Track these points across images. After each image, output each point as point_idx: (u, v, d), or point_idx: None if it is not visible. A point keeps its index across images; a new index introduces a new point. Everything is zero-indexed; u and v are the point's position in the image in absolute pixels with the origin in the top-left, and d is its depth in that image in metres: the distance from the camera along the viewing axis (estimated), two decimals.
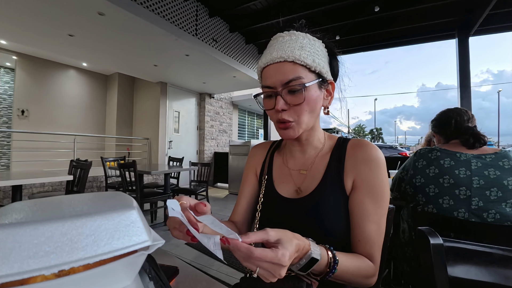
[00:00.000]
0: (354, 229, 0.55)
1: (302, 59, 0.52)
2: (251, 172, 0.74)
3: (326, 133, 0.67)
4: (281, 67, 0.53)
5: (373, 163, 0.56)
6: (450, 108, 1.20)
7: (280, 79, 0.53)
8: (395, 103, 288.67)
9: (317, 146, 0.64)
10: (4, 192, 3.12)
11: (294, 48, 0.53)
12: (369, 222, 0.53)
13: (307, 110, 0.55)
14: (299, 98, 0.53)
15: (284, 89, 0.53)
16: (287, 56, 0.52)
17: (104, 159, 3.52)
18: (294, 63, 0.52)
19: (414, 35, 4.01)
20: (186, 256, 2.27)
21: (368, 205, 0.54)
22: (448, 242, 0.52)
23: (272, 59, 0.53)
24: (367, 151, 0.57)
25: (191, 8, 3.45)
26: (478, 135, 1.04)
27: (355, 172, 0.57)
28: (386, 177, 0.56)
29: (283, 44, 0.54)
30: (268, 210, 0.64)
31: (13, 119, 5.06)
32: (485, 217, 0.92)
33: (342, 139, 0.64)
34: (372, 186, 0.54)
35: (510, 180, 0.91)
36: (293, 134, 0.57)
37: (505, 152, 0.98)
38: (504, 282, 0.49)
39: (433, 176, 1.04)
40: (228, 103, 7.25)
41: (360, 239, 0.53)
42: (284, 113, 0.55)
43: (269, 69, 0.55)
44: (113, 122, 6.16)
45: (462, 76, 3.46)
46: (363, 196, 0.55)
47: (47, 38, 3.26)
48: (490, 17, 3.25)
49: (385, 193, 0.55)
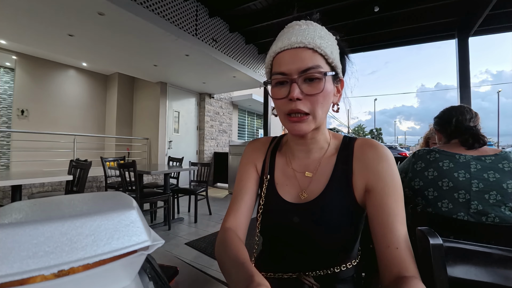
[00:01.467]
0: (387, 235, 0.47)
1: (323, 48, 0.49)
2: (251, 167, 0.65)
3: (331, 132, 0.62)
4: (300, 53, 0.48)
5: (386, 162, 0.52)
6: (454, 105, 1.16)
7: (298, 65, 0.48)
8: (395, 103, 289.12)
9: (323, 146, 0.59)
10: (4, 192, 3.12)
11: (314, 36, 0.49)
12: (399, 224, 0.48)
13: (322, 103, 0.51)
14: (317, 88, 0.49)
15: (301, 77, 0.49)
16: (307, 42, 0.48)
17: (103, 159, 3.52)
18: (314, 51, 0.49)
19: (414, 35, 4.02)
20: (186, 256, 2.26)
21: (393, 206, 0.49)
22: (448, 242, 0.52)
23: (290, 44, 0.49)
24: (378, 151, 0.54)
25: (191, 8, 3.46)
26: (477, 135, 1.02)
27: (366, 174, 0.53)
28: (398, 175, 0.53)
29: (302, 31, 0.50)
30: (269, 216, 0.60)
31: (13, 119, 5.05)
32: (484, 221, 0.91)
33: (348, 138, 0.60)
34: (392, 186, 0.51)
35: (509, 183, 0.90)
36: (307, 129, 0.52)
37: (505, 154, 0.96)
38: (504, 283, 0.49)
39: (432, 179, 1.02)
40: (228, 103, 7.25)
41: (398, 246, 0.46)
42: (298, 103, 0.49)
43: (285, 55, 0.50)
44: (113, 122, 6.16)
45: (462, 76, 3.46)
46: (384, 197, 0.50)
47: (47, 38, 3.26)
48: (490, 17, 3.26)
49: (402, 192, 0.52)
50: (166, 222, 3.07)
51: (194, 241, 2.60)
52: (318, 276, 0.57)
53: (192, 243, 2.54)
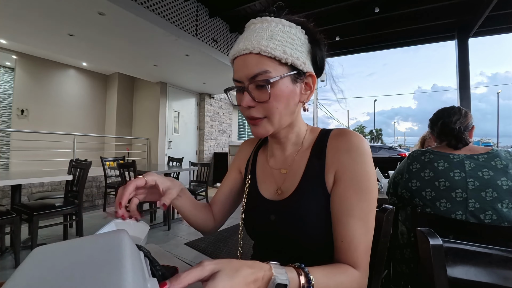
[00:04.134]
0: (336, 228, 0.48)
1: (270, 50, 0.46)
2: (234, 169, 0.71)
3: (309, 127, 0.61)
4: (247, 59, 0.48)
5: (355, 152, 0.49)
6: (445, 107, 1.17)
7: (245, 73, 0.48)
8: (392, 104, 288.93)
9: (297, 142, 0.59)
10: (3, 192, 3.12)
11: (262, 37, 0.47)
12: (353, 218, 0.47)
13: (278, 107, 0.49)
14: (264, 95, 0.48)
15: (251, 84, 0.48)
16: (252, 48, 0.47)
17: (103, 159, 3.52)
18: (260, 55, 0.47)
19: (414, 36, 4.02)
20: (186, 256, 2.26)
21: (351, 198, 0.47)
22: (448, 242, 0.53)
23: (238, 51, 0.49)
24: (347, 139, 0.51)
25: (192, 8, 3.46)
26: (460, 137, 1.04)
27: (336, 164, 0.51)
28: (371, 167, 0.49)
29: (251, 33, 0.49)
30: (250, 212, 0.61)
31: (13, 118, 5.05)
32: (482, 218, 0.92)
33: (324, 131, 0.58)
34: (355, 177, 0.48)
35: (503, 180, 0.92)
36: (264, 132, 0.52)
37: (496, 152, 0.99)
38: (503, 283, 0.49)
39: (429, 179, 1.04)
40: (228, 103, 7.25)
41: (344, 239, 0.47)
42: (252, 110, 0.50)
43: (237, 62, 0.50)
44: (112, 122, 6.16)
45: (461, 77, 3.46)
46: (345, 189, 0.48)
47: (47, 37, 3.26)
48: (490, 18, 3.26)
49: (371, 185, 0.49)
50: (166, 222, 3.06)
51: (193, 241, 2.60)
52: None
53: (192, 243, 2.54)
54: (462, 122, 1.07)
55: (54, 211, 2.11)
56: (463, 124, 1.07)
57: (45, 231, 2.63)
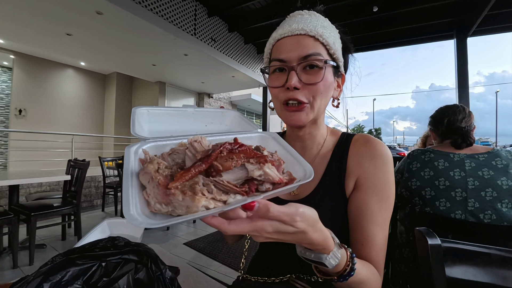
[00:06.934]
0: (356, 232, 0.48)
1: (325, 37, 0.47)
2: None
3: (329, 128, 0.60)
4: (301, 40, 0.47)
5: (378, 159, 0.49)
6: (449, 105, 1.17)
7: (298, 52, 0.47)
8: (391, 104, 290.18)
9: (320, 142, 0.57)
10: (1, 192, 3.10)
11: (317, 25, 0.48)
12: (374, 224, 0.47)
13: (322, 93, 0.48)
14: (317, 76, 0.47)
15: (300, 65, 0.47)
16: (309, 30, 0.47)
17: (102, 159, 3.51)
18: (315, 39, 0.47)
19: (413, 35, 4.03)
20: (185, 256, 2.26)
21: (373, 205, 0.47)
22: (446, 242, 0.52)
23: (291, 31, 0.47)
24: (372, 146, 0.51)
25: (190, 7, 3.45)
26: (466, 136, 1.04)
27: (358, 171, 0.50)
28: (392, 176, 0.49)
29: (303, 20, 0.49)
30: None
31: (11, 118, 5.03)
32: (482, 218, 0.92)
33: (345, 134, 0.57)
34: (378, 185, 0.48)
35: (503, 180, 0.92)
36: (305, 119, 0.49)
37: (497, 151, 0.99)
38: (502, 283, 0.49)
39: (429, 178, 1.03)
40: (227, 103, 7.24)
41: (364, 243, 0.46)
42: (297, 92, 0.47)
43: (285, 41, 0.48)
44: (111, 122, 6.14)
45: (460, 76, 3.47)
46: (367, 195, 0.48)
47: (45, 37, 3.24)
48: (489, 17, 3.27)
49: (391, 194, 0.49)
50: None
51: (192, 241, 2.59)
52: (311, 280, 0.54)
53: (191, 243, 2.54)
54: (467, 121, 1.07)
55: (52, 212, 2.10)
56: (468, 123, 1.07)
57: (43, 232, 2.62)
